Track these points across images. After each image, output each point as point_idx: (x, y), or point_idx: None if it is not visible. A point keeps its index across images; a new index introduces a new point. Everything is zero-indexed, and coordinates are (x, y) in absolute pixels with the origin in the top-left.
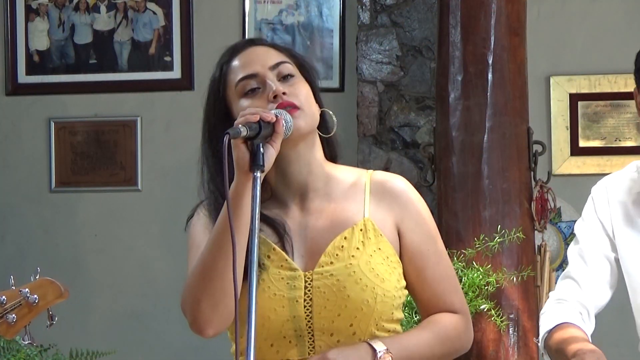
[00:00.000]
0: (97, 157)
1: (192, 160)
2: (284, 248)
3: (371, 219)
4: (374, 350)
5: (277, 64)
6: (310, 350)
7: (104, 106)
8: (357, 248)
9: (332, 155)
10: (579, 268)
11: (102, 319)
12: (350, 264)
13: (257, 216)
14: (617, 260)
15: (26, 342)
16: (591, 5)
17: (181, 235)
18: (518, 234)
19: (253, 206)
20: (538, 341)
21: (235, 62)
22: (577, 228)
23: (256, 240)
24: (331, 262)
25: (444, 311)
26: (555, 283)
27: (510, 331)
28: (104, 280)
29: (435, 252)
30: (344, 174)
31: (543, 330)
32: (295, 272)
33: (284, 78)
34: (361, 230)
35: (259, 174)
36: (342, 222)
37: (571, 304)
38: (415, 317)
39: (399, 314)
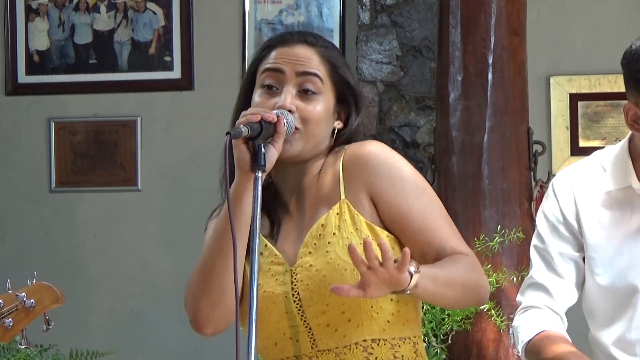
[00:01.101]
0: (97, 157)
1: (192, 160)
2: (277, 242)
3: (347, 199)
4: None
5: (304, 73)
6: (313, 345)
7: (104, 106)
8: (334, 234)
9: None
10: (545, 274)
11: (102, 319)
12: (327, 251)
13: (258, 216)
14: (583, 259)
15: (23, 347)
16: (591, 5)
17: (181, 235)
18: (518, 234)
19: (254, 206)
20: (518, 351)
21: (277, 51)
22: (540, 225)
23: (257, 241)
24: (309, 253)
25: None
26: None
27: (510, 331)
28: (104, 280)
29: (419, 207)
30: (332, 160)
31: (523, 339)
32: (282, 267)
33: (304, 91)
34: (337, 214)
35: (260, 174)
36: (321, 210)
37: (544, 311)
38: None
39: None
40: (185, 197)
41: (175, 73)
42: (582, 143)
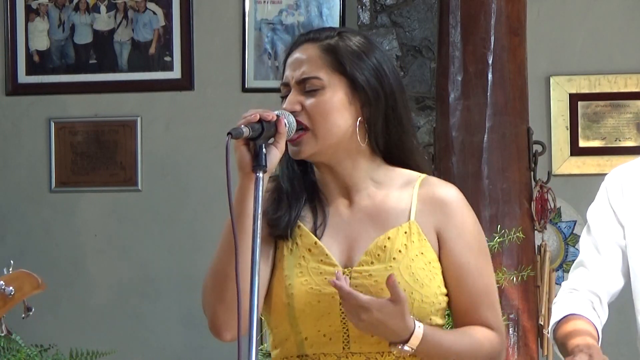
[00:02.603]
0: (97, 157)
1: (192, 160)
2: (322, 239)
3: (416, 222)
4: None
5: (302, 81)
6: (345, 346)
7: (104, 106)
8: (399, 251)
9: (396, 156)
10: (591, 255)
11: (102, 319)
12: (391, 266)
13: (260, 217)
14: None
15: (3, 334)
16: (591, 5)
17: (181, 235)
18: (518, 234)
19: (255, 207)
20: (547, 332)
21: (289, 59)
22: (590, 215)
23: (258, 241)
24: (372, 262)
25: (478, 324)
26: (556, 283)
27: (510, 331)
28: (104, 280)
29: (477, 265)
30: (396, 174)
31: (552, 321)
32: (334, 268)
33: (310, 91)
34: (405, 232)
35: (261, 175)
36: (386, 222)
37: (582, 293)
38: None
39: (439, 320)
40: (186, 197)
41: (175, 73)
42: (582, 143)
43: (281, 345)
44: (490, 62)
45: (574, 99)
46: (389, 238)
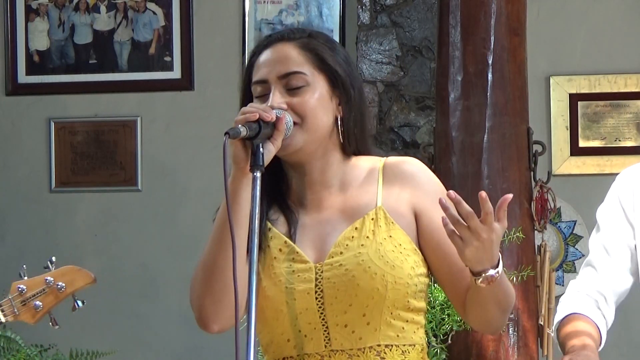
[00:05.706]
0: (97, 157)
1: (192, 160)
2: (295, 241)
3: (383, 207)
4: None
5: (285, 75)
6: (327, 343)
7: (104, 106)
8: (367, 237)
9: (357, 150)
10: (599, 255)
11: (102, 319)
12: (359, 252)
13: (257, 216)
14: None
15: (55, 327)
16: (591, 5)
17: (181, 235)
18: (518, 234)
19: (253, 206)
20: (552, 330)
21: (260, 59)
22: (599, 215)
23: (256, 240)
24: (341, 253)
25: None
26: (556, 283)
27: (510, 331)
28: (104, 280)
29: None
30: (361, 165)
31: (556, 319)
32: (306, 265)
33: (293, 89)
34: (372, 219)
35: (258, 174)
36: (354, 213)
37: (588, 292)
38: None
39: (419, 303)
40: (185, 197)
41: (175, 73)
42: (582, 143)
43: (268, 350)
44: (490, 62)
45: (574, 99)
46: (356, 228)
